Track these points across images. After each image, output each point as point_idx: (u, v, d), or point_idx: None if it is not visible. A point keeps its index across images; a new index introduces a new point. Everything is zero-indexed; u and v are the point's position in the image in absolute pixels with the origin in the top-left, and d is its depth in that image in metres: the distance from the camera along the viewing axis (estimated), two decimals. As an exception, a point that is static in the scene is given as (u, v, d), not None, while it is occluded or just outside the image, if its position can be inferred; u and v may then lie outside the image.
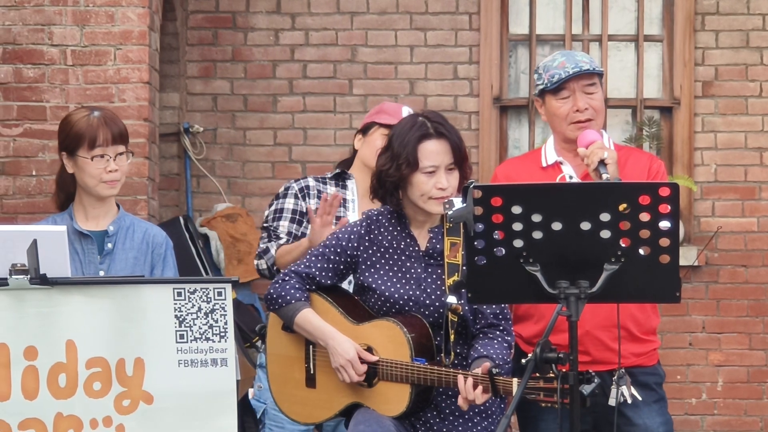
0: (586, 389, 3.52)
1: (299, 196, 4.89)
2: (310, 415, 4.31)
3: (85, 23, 6.30)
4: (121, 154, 4.39)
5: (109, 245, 4.43)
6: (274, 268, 4.80)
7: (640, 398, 4.08)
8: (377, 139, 4.76)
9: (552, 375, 3.63)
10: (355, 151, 4.97)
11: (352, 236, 4.26)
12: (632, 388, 3.97)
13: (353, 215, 4.81)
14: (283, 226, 4.86)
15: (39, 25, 6.31)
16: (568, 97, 4.39)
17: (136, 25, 6.28)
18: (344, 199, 4.87)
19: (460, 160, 4.17)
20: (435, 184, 4.11)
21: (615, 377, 3.76)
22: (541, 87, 4.45)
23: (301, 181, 4.94)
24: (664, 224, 3.40)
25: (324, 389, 4.24)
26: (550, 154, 4.51)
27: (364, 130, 4.91)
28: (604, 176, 4.10)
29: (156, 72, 6.51)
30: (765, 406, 7.50)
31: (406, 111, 4.82)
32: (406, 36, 7.57)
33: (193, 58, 7.59)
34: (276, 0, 7.58)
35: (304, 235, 4.80)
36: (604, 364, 4.22)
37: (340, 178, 4.94)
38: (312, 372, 4.26)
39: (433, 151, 4.13)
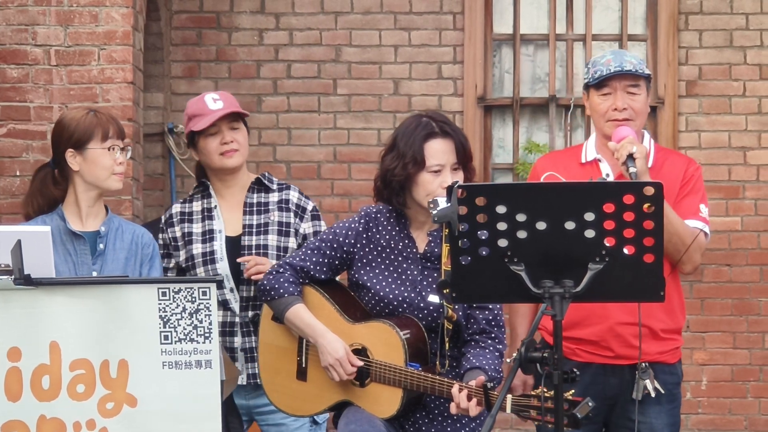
0: (580, 413, 3.50)
1: (164, 229, 4.83)
2: (299, 408, 4.31)
3: (69, 23, 6.28)
4: (123, 149, 4.45)
5: (101, 246, 4.43)
6: None
7: (663, 391, 4.29)
8: (207, 144, 4.73)
9: (547, 394, 3.51)
10: (198, 162, 4.88)
11: (350, 232, 4.24)
12: (656, 382, 4.09)
13: (219, 222, 4.79)
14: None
15: (23, 25, 6.28)
16: (609, 94, 4.48)
17: (120, 25, 6.26)
18: (209, 209, 4.80)
19: (465, 159, 4.16)
20: (440, 184, 4.09)
21: (638, 371, 3.83)
22: (586, 81, 4.56)
23: (166, 212, 4.89)
24: (648, 224, 3.41)
25: (315, 383, 4.23)
26: (590, 150, 4.61)
27: (191, 143, 4.83)
28: (631, 170, 4.19)
29: (140, 72, 6.49)
30: (749, 405, 7.52)
31: (209, 98, 4.78)
32: (390, 36, 7.57)
33: (178, 58, 7.57)
34: (260, 0, 7.57)
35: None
36: (626, 359, 4.37)
37: (204, 188, 4.85)
38: (304, 366, 4.25)
39: (439, 150, 4.12)
